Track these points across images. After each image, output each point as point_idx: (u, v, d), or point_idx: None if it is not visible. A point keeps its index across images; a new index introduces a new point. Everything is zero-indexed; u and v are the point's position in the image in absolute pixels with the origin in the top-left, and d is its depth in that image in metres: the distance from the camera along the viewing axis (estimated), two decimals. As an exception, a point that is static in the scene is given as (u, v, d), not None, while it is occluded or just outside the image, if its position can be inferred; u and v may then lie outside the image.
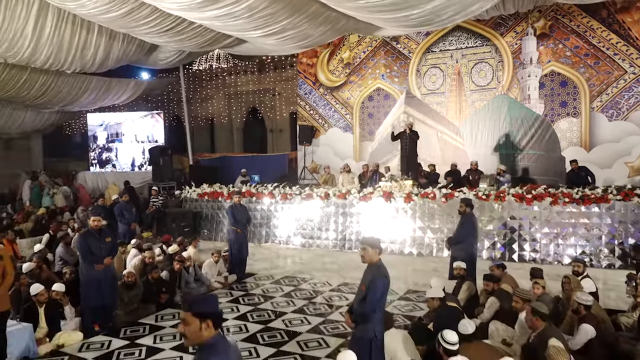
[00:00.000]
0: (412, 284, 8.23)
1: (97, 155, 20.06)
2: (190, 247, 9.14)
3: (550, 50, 13.75)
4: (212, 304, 2.61)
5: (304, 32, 10.63)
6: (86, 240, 6.44)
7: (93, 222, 6.47)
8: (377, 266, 4.42)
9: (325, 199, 11.04)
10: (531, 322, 4.73)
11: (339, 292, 7.93)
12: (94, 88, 16.14)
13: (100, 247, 6.47)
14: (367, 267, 4.50)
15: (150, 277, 7.49)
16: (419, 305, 7.16)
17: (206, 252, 10.13)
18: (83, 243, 6.43)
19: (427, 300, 5.82)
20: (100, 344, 6.12)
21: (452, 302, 5.74)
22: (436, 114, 15.22)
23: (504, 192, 9.36)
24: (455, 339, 4.20)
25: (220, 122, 23.89)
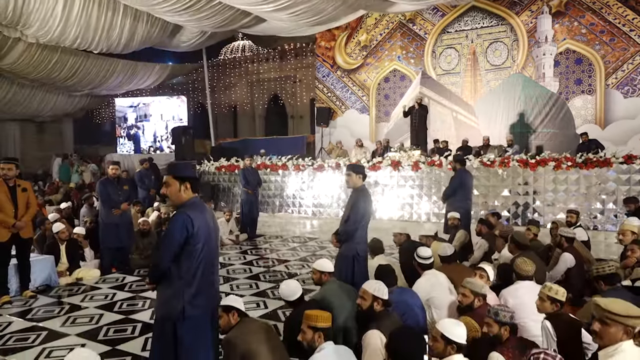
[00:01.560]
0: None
1: (126, 132, 21.10)
2: (205, 208, 9.66)
3: (565, 28, 13.82)
4: (189, 170, 3.06)
5: (315, 6, 11.04)
6: (105, 187, 7.01)
7: (111, 170, 7.04)
8: (360, 190, 4.81)
9: (336, 169, 11.43)
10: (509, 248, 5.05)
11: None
12: (120, 71, 16.92)
13: (118, 193, 7.03)
14: (352, 191, 4.87)
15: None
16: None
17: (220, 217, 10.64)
18: (102, 189, 7.00)
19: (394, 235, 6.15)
20: (115, 278, 6.68)
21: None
22: (451, 94, 15.43)
23: (508, 159, 9.57)
24: (429, 254, 4.54)
25: (243, 109, 24.53)
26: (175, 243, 2.84)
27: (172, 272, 2.86)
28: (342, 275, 4.62)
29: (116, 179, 7.10)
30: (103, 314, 5.16)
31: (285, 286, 3.85)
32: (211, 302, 3.02)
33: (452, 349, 2.72)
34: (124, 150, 21.05)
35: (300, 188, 12.01)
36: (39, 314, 5.24)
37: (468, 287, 3.56)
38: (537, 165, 9.28)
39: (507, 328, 3.05)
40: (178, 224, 2.85)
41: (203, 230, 2.92)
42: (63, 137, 21.46)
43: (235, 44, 28.19)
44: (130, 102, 21.43)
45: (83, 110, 20.42)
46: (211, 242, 3.01)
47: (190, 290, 2.85)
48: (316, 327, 2.85)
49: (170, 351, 2.85)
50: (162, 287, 2.92)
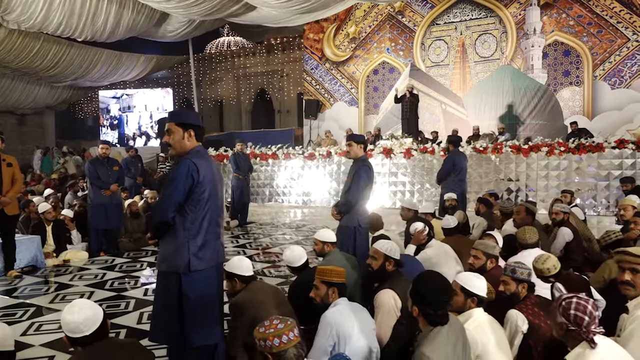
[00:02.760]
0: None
1: (109, 122, 20.85)
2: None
3: (554, 20, 13.90)
4: (194, 117, 2.90)
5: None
6: (95, 167, 6.78)
7: (101, 150, 6.81)
8: (361, 159, 4.67)
9: (327, 157, 11.31)
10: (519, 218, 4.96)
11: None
12: (104, 61, 16.59)
13: (108, 173, 6.81)
14: (353, 162, 4.74)
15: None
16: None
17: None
18: (92, 169, 6.77)
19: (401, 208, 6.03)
20: (104, 260, 6.45)
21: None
22: (440, 86, 15.42)
23: (501, 145, 9.55)
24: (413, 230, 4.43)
25: (230, 103, 24.26)
26: (180, 191, 2.66)
27: (176, 224, 2.68)
28: (344, 247, 4.49)
29: (106, 159, 6.88)
30: (94, 292, 4.96)
31: (290, 252, 3.71)
32: (217, 255, 2.85)
33: (472, 302, 2.61)
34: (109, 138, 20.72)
35: (290, 177, 11.86)
36: (25, 292, 5.02)
37: (480, 248, 3.46)
38: (529, 151, 9.27)
39: (525, 285, 2.94)
40: (183, 171, 2.67)
41: (209, 179, 2.76)
42: (45, 130, 20.98)
43: (220, 40, 28.00)
44: (113, 93, 21.07)
45: (65, 102, 20.00)
46: (217, 193, 2.85)
47: (196, 242, 2.69)
48: (330, 282, 2.72)
49: (175, 306, 2.68)
50: (165, 240, 2.74)
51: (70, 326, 2.18)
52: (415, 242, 4.34)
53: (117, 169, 6.99)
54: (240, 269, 3.09)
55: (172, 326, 2.70)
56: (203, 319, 2.73)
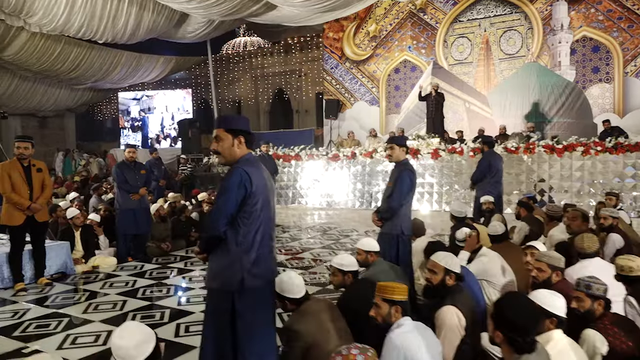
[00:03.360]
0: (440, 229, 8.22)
1: (130, 124, 20.83)
2: (219, 198, 9.30)
3: (582, 15, 13.51)
4: (245, 122, 2.70)
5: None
6: (122, 171, 6.66)
7: (128, 154, 6.68)
8: (403, 163, 4.46)
9: (352, 158, 11.10)
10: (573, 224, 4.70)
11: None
12: (124, 63, 16.56)
13: (136, 177, 6.68)
14: (394, 166, 4.53)
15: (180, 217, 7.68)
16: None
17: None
18: (119, 173, 6.64)
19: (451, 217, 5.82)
20: (133, 266, 6.32)
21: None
22: (464, 85, 15.09)
23: (533, 144, 9.25)
24: (462, 236, 4.22)
25: (247, 104, 24.14)
26: (232, 203, 2.47)
27: (228, 238, 2.49)
28: (386, 256, 4.27)
29: (133, 162, 6.75)
30: (126, 300, 4.81)
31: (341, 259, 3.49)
32: (271, 271, 2.66)
33: (551, 323, 2.39)
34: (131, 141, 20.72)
35: (314, 179, 11.67)
36: (57, 301, 4.89)
37: (544, 260, 3.22)
38: (564, 150, 8.96)
39: (602, 303, 2.71)
40: (234, 181, 2.47)
41: (261, 189, 2.56)
42: (65, 132, 21.08)
43: (237, 40, 27.89)
44: (133, 95, 21.09)
45: (85, 105, 20.06)
46: (270, 203, 2.65)
47: (249, 257, 2.49)
48: (393, 300, 2.51)
49: (227, 327, 2.49)
50: (215, 255, 2.55)
51: (121, 352, 2.01)
52: (468, 248, 4.11)
53: (145, 173, 6.85)
54: (291, 292, 2.87)
55: (225, 349, 2.51)
56: (259, 341, 2.53)
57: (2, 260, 5.27)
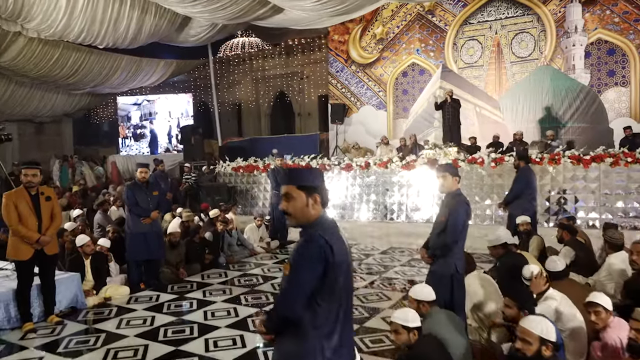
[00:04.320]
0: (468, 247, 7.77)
1: (131, 133, 20.12)
2: (230, 213, 8.87)
3: (596, 17, 13.12)
4: (320, 177, 2.26)
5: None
6: (133, 192, 6.20)
7: (140, 174, 6.22)
8: (456, 194, 4.08)
9: (365, 168, 10.66)
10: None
11: (390, 255, 7.57)
12: (124, 67, 16.03)
13: (148, 199, 6.22)
14: (445, 196, 4.12)
15: (193, 238, 7.22)
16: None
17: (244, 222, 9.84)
18: (130, 195, 6.19)
19: (489, 249, 5.36)
20: (148, 297, 5.86)
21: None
22: (474, 88, 14.69)
23: (559, 155, 8.85)
24: (529, 275, 3.80)
25: (248, 107, 23.65)
26: (311, 280, 2.02)
27: (304, 319, 2.06)
28: (439, 298, 3.84)
29: (145, 183, 6.28)
30: (148, 345, 4.35)
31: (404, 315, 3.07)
32: (353, 355, 2.21)
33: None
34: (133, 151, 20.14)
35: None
36: (71, 346, 4.43)
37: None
38: (591, 161, 8.56)
39: None
40: (313, 252, 2.04)
41: (343, 258, 2.12)
42: (62, 137, 20.52)
43: (235, 40, 27.34)
44: (134, 99, 20.47)
45: (83, 110, 19.51)
46: (350, 273, 2.22)
47: (331, 343, 2.04)
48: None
49: None
50: (287, 339, 2.10)
51: None
52: (535, 289, 3.69)
53: (157, 194, 6.38)
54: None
55: None
56: None
57: (9, 298, 4.81)
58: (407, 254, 7.75)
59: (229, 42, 27.15)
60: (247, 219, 10.96)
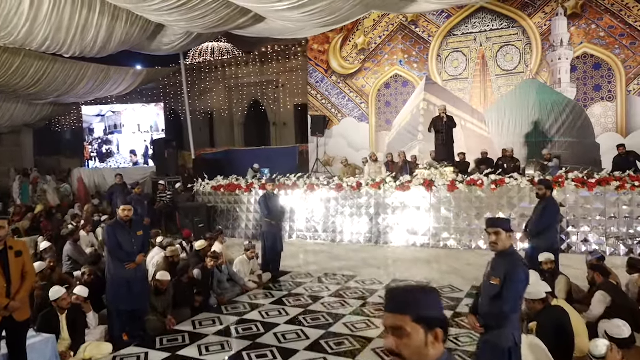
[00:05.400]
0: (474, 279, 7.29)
1: (96, 149, 18.74)
2: (217, 243, 8.10)
3: (582, 31, 12.97)
4: (439, 304, 1.61)
5: (332, 5, 9.67)
6: (114, 233, 5.40)
7: (123, 212, 5.42)
8: (511, 253, 3.51)
9: (357, 189, 10.09)
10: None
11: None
12: (91, 76, 14.97)
13: (132, 241, 5.44)
14: (496, 255, 3.55)
15: (181, 278, 6.46)
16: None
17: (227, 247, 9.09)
18: (111, 236, 5.38)
19: (527, 302, 4.82)
20: (135, 356, 5.08)
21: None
22: (459, 101, 14.34)
23: (562, 177, 8.49)
24: (602, 352, 3.28)
25: (220, 116, 22.82)
26: None
27: None
28: (494, 373, 3.28)
29: (128, 222, 5.49)
30: None
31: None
32: None
33: None
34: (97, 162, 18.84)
35: (313, 210, 10.59)
36: None
37: None
38: (596, 184, 8.23)
39: None
40: None
41: None
42: (22, 148, 19.15)
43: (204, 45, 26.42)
44: (97, 110, 19.13)
45: (45, 119, 18.24)
46: None
47: None
48: None
49: None
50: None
51: None
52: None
53: (142, 235, 5.60)
54: None
55: None
56: None
57: (-32, 376, 3.98)
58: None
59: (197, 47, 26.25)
60: (229, 242, 10.24)
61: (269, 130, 22.01)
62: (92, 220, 10.83)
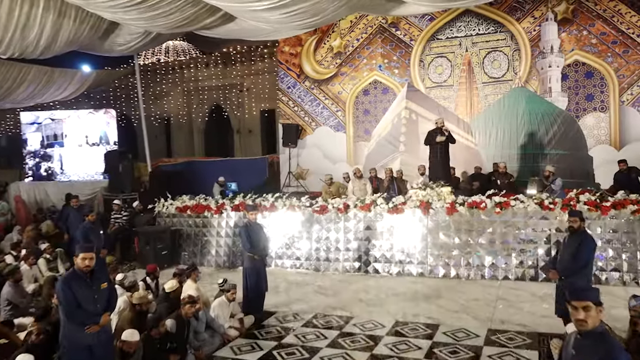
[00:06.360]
0: (488, 319, 6.72)
1: (33, 168, 17.09)
2: (189, 280, 7.23)
3: (573, 37, 12.77)
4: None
5: (316, 6, 8.98)
6: (71, 288, 4.48)
7: (83, 262, 4.52)
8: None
9: (344, 211, 9.40)
10: None
11: (403, 338, 6.28)
12: (32, 79, 13.71)
13: (94, 297, 4.54)
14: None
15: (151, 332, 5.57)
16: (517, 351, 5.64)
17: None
18: (67, 292, 4.46)
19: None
20: None
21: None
22: (443, 110, 13.88)
23: (573, 199, 8.06)
24: None
25: (178, 122, 21.74)
26: None
27: None
28: None
29: (88, 273, 4.59)
30: None
31: None
32: None
33: None
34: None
35: (294, 235, 9.82)
36: None
37: None
38: (610, 208, 7.84)
39: None
40: None
41: None
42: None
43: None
44: (32, 117, 17.38)
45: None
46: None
47: None
48: None
49: None
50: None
51: None
52: None
53: (106, 287, 4.72)
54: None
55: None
56: None
57: None
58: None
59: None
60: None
61: (232, 138, 21.09)
62: (35, 248, 9.72)
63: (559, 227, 8.14)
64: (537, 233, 8.27)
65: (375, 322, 6.84)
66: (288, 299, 8.10)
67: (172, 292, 6.65)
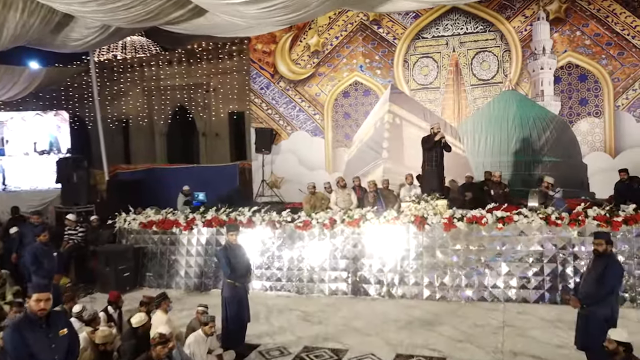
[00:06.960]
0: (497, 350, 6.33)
1: None
2: (158, 311, 6.60)
3: (566, 38, 12.66)
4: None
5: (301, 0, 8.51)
6: (22, 337, 3.86)
7: (37, 304, 3.89)
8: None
9: (330, 227, 8.91)
10: None
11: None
12: (-28, 78, 12.82)
13: (51, 347, 3.93)
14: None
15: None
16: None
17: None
18: (16, 341, 3.83)
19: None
20: None
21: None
22: (429, 114, 13.62)
23: (580, 214, 7.80)
24: None
25: (138, 124, 20.81)
26: None
27: None
28: None
29: (44, 318, 3.96)
30: None
31: None
32: None
33: None
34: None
35: (274, 253, 9.28)
36: None
37: None
38: (622, 223, 7.60)
39: None
40: None
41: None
42: None
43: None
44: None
45: None
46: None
47: None
48: None
49: None
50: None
51: None
52: None
53: (65, 335, 4.10)
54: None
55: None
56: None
57: None
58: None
59: (107, 41, 24.06)
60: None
61: (198, 141, 20.35)
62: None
63: (566, 244, 7.85)
64: (542, 250, 7.97)
65: (374, 357, 6.37)
66: (271, 329, 7.55)
67: (140, 327, 6.02)
